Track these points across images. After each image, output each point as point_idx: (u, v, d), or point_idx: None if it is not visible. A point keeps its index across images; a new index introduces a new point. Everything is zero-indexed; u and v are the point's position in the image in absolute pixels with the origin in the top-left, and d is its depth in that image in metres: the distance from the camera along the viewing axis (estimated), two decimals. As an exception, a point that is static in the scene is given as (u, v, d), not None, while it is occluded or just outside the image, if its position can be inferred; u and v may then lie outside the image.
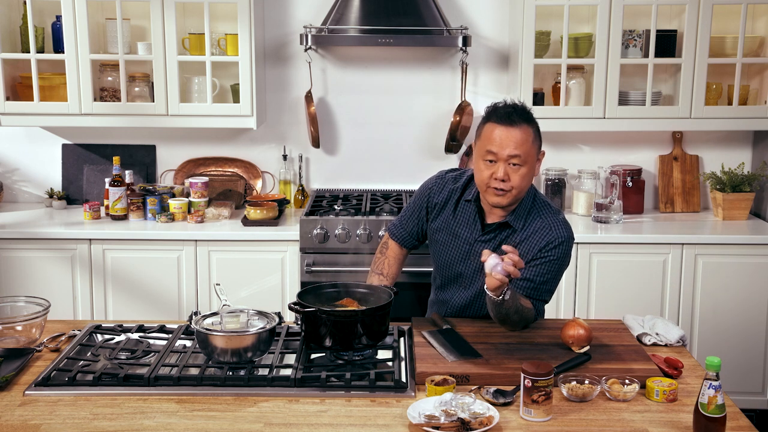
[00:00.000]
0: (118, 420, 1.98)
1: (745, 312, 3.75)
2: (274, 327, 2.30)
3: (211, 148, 4.22)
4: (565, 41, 3.80)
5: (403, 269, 2.85)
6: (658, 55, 3.83)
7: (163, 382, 2.15)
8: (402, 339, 2.45)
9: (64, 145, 4.19)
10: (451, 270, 2.63)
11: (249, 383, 2.15)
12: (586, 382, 2.10)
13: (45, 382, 2.15)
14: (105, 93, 3.93)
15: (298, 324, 2.46)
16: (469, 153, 4.18)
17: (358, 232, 3.64)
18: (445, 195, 2.61)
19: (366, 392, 2.12)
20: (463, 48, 3.89)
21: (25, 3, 3.77)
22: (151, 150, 4.21)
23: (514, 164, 2.39)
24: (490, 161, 2.40)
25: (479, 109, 4.14)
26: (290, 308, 2.30)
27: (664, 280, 3.72)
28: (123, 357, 2.32)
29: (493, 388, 2.10)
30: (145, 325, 2.56)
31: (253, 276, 3.71)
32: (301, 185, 4.17)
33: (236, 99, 3.93)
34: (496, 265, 2.18)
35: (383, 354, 2.36)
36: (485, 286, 2.26)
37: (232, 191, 4.15)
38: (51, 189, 4.16)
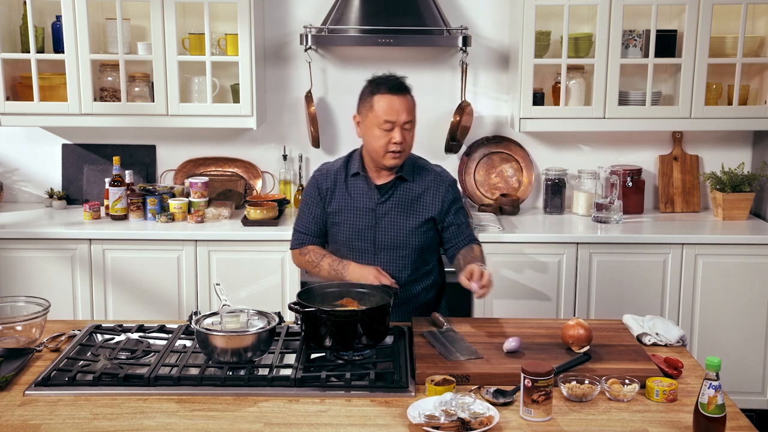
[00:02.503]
0: (118, 420, 1.98)
1: (745, 312, 3.75)
2: (274, 327, 2.30)
3: (211, 148, 4.22)
4: (565, 41, 3.80)
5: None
6: (658, 55, 3.83)
7: (163, 382, 2.15)
8: (402, 339, 2.45)
9: (64, 145, 4.19)
10: (354, 247, 2.74)
11: (249, 383, 2.15)
12: (586, 382, 2.10)
13: (45, 382, 2.15)
14: (105, 93, 3.93)
15: (298, 324, 2.46)
16: (470, 153, 4.18)
17: (358, 232, 3.63)
18: (332, 178, 2.79)
19: (366, 392, 2.12)
20: (463, 48, 3.89)
21: (25, 3, 3.77)
22: (151, 150, 4.21)
23: (407, 128, 2.67)
24: (388, 129, 2.63)
25: (479, 109, 4.14)
26: (290, 308, 2.30)
27: (664, 280, 3.72)
28: (123, 357, 2.32)
29: (493, 388, 2.10)
30: (145, 325, 2.56)
31: (253, 276, 3.71)
32: (301, 185, 4.17)
33: (236, 99, 3.93)
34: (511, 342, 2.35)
35: (383, 354, 2.36)
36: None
37: (232, 191, 4.15)
38: (51, 189, 4.16)
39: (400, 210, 2.72)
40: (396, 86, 2.65)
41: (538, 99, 3.98)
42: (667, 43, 3.87)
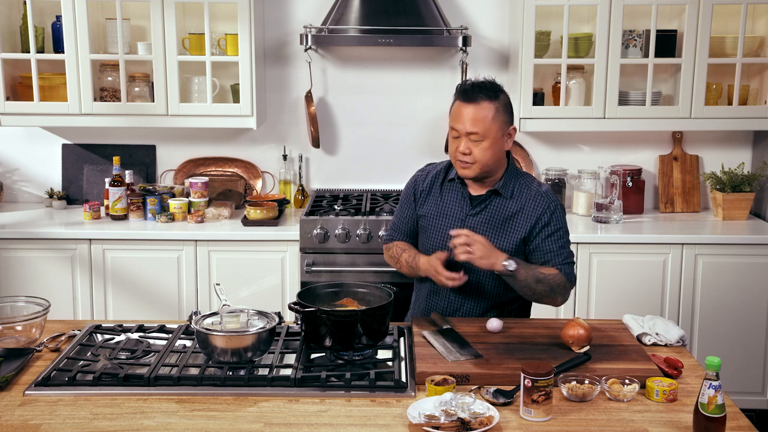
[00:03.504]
0: (118, 420, 1.98)
1: (745, 312, 3.75)
2: (274, 327, 2.30)
3: (211, 148, 4.22)
4: (565, 41, 3.80)
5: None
6: (658, 55, 3.83)
7: (163, 382, 2.15)
8: (402, 339, 2.45)
9: (64, 145, 4.19)
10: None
11: (249, 383, 2.15)
12: (586, 382, 2.10)
13: (45, 382, 2.15)
14: (105, 93, 3.93)
15: (298, 324, 2.46)
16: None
17: (358, 232, 3.64)
18: (430, 180, 2.70)
19: (366, 392, 2.12)
20: (463, 48, 3.89)
21: (25, 3, 3.77)
22: (151, 150, 4.21)
23: (474, 140, 2.49)
24: (455, 137, 2.53)
25: (479, 109, 4.14)
26: (290, 308, 2.30)
27: (664, 280, 3.72)
28: (123, 357, 2.32)
29: (493, 388, 2.10)
30: (145, 325, 2.56)
31: (253, 276, 3.71)
32: (301, 185, 4.18)
33: (236, 99, 3.93)
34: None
35: (383, 354, 2.36)
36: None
37: (232, 191, 4.15)
38: (51, 189, 4.16)
39: (491, 226, 2.55)
40: (464, 92, 2.50)
41: (538, 99, 3.98)
42: (667, 43, 3.87)
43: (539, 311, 3.67)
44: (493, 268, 2.39)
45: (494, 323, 2.47)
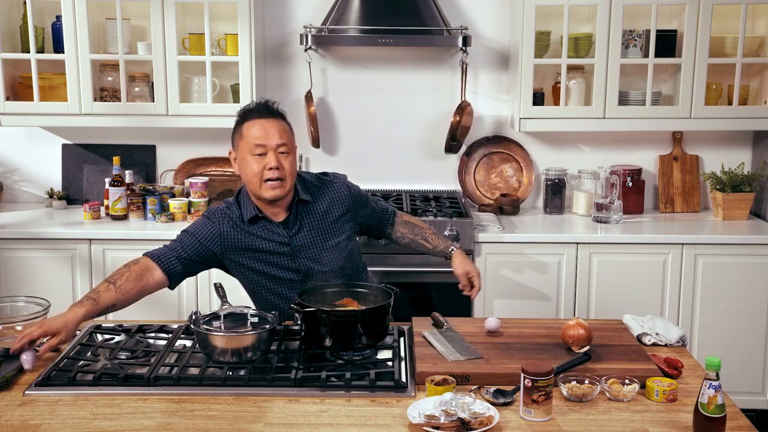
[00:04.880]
0: (118, 420, 1.98)
1: (745, 312, 3.75)
2: (274, 327, 2.30)
3: (211, 148, 4.22)
4: (565, 41, 3.80)
5: (396, 269, 2.85)
6: (658, 55, 3.83)
7: (163, 382, 2.15)
8: (402, 339, 2.45)
9: (64, 145, 4.19)
10: (281, 284, 2.62)
11: (249, 383, 2.15)
12: (586, 382, 2.10)
13: (45, 382, 2.15)
14: (105, 93, 3.93)
15: (298, 324, 2.46)
16: (470, 153, 4.18)
17: (358, 232, 3.63)
18: (231, 222, 2.59)
19: (366, 392, 2.12)
20: (463, 48, 3.89)
21: (25, 3, 3.77)
22: (151, 150, 4.21)
23: (282, 152, 2.51)
24: (260, 155, 2.50)
25: (479, 109, 4.14)
26: (290, 308, 2.30)
27: (664, 280, 3.72)
28: (123, 357, 2.32)
29: (493, 388, 2.10)
30: (145, 325, 2.56)
31: (253, 276, 3.71)
32: (301, 185, 4.17)
33: (236, 99, 3.93)
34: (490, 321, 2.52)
35: (383, 354, 2.36)
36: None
37: (232, 191, 4.15)
38: (51, 189, 4.16)
39: (315, 233, 2.62)
40: (263, 110, 2.55)
41: (538, 99, 3.98)
42: (667, 43, 3.87)
43: (539, 311, 3.69)
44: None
45: (492, 323, 2.48)
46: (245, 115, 2.56)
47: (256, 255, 2.61)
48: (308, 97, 4.05)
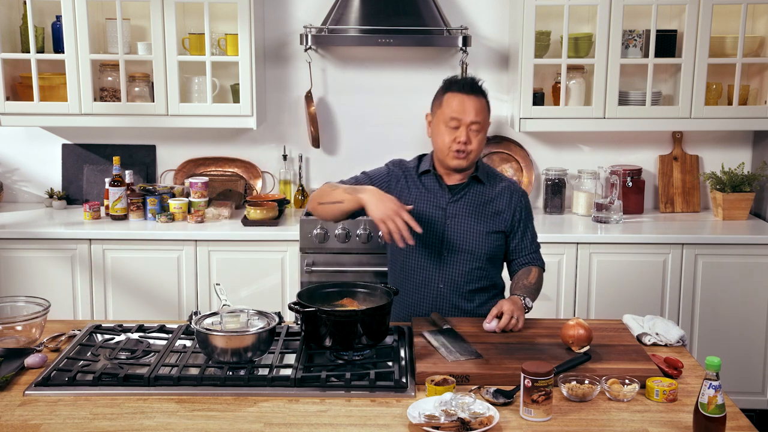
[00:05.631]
0: (118, 420, 1.98)
1: (745, 312, 3.75)
2: (274, 327, 2.30)
3: (211, 148, 4.22)
4: (565, 41, 3.80)
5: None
6: (658, 55, 3.83)
7: (163, 382, 2.15)
8: (402, 339, 2.45)
9: (64, 145, 4.19)
10: (421, 241, 2.63)
11: (249, 383, 2.14)
12: (586, 382, 2.10)
13: (45, 382, 2.14)
14: (105, 93, 3.94)
15: (298, 324, 2.46)
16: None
17: (357, 232, 3.64)
18: (403, 171, 2.74)
19: (366, 392, 2.12)
20: (463, 48, 3.89)
21: (25, 3, 3.77)
22: (151, 150, 4.21)
23: (474, 130, 2.58)
24: (454, 127, 2.58)
25: (479, 109, 4.14)
26: (290, 308, 2.30)
27: (664, 280, 3.72)
28: (123, 357, 2.32)
29: (493, 388, 2.10)
30: (145, 325, 2.56)
31: (253, 276, 3.71)
32: (301, 185, 4.18)
33: (236, 99, 3.93)
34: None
35: (383, 354, 2.36)
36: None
37: (232, 191, 4.15)
38: (51, 189, 4.16)
39: (471, 211, 2.67)
40: (466, 85, 2.61)
41: (538, 99, 3.98)
42: (667, 43, 3.87)
43: (539, 311, 3.68)
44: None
45: (492, 324, 2.47)
46: (449, 86, 2.63)
47: (416, 198, 2.68)
48: (308, 97, 4.05)
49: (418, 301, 2.70)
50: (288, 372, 2.19)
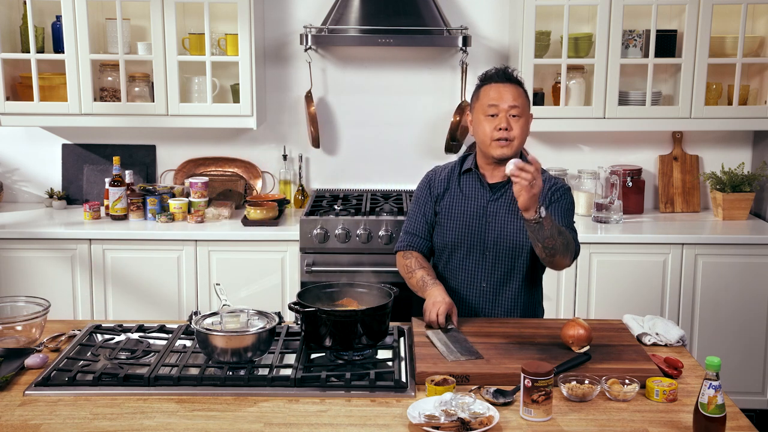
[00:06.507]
0: (118, 420, 1.98)
1: (745, 312, 3.75)
2: (274, 327, 2.30)
3: (211, 148, 4.22)
4: (565, 41, 3.80)
5: (397, 269, 2.84)
6: (658, 55, 3.83)
7: (163, 382, 2.15)
8: (402, 339, 2.45)
9: (64, 145, 4.19)
10: (462, 245, 2.66)
11: (249, 383, 2.15)
12: (586, 382, 2.10)
13: (45, 382, 2.15)
14: (105, 93, 3.94)
15: (298, 324, 2.46)
16: (470, 153, 4.17)
17: (358, 232, 3.64)
18: (445, 175, 2.75)
19: (366, 392, 2.12)
20: (463, 48, 3.89)
21: (25, 3, 3.77)
22: (151, 150, 4.21)
23: (514, 115, 2.57)
24: (492, 115, 2.57)
25: (479, 109, 4.14)
26: (290, 308, 2.30)
27: (664, 280, 3.72)
28: (123, 357, 2.32)
29: (493, 388, 2.10)
30: (145, 325, 2.56)
31: (253, 276, 3.71)
32: (301, 185, 4.18)
33: (236, 99, 3.93)
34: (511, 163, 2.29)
35: (383, 354, 2.36)
36: (519, 206, 2.33)
37: (232, 191, 4.15)
38: (51, 189, 4.16)
39: (511, 210, 2.64)
40: (500, 75, 2.62)
41: (538, 99, 3.98)
42: (667, 43, 3.87)
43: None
44: (530, 206, 2.31)
45: (511, 166, 2.28)
46: (484, 80, 2.64)
47: (447, 209, 2.70)
48: (308, 97, 4.05)
49: (463, 299, 2.70)
50: (288, 372, 2.19)
